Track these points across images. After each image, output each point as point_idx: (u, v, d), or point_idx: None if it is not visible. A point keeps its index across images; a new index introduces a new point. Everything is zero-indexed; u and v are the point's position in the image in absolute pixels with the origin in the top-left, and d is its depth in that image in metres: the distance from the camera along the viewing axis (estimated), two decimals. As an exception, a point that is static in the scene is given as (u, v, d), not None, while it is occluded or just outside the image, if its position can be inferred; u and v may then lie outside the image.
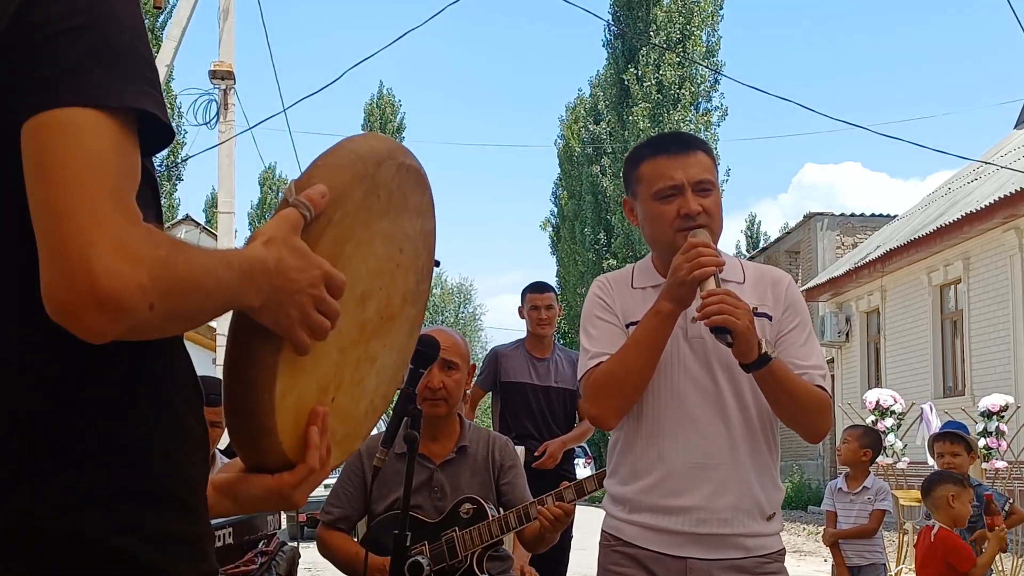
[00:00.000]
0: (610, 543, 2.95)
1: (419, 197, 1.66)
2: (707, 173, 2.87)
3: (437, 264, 1.83)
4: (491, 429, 4.64)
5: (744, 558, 2.83)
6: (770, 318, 2.89)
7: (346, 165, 1.46)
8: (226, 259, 1.27)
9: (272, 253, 1.32)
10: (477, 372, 6.81)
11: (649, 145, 3.01)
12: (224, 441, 6.07)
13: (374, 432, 6.55)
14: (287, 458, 1.46)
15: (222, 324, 15.97)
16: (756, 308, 2.80)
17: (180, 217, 29.46)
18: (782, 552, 2.93)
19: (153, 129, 1.24)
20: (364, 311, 1.58)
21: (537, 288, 6.93)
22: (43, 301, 1.16)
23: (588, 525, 3.41)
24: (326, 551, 4.00)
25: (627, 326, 2.91)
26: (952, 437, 6.86)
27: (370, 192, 1.50)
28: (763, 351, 2.68)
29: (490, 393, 7.09)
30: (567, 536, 6.38)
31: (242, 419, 1.41)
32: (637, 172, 2.94)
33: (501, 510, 3.92)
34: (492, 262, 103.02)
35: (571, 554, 6.65)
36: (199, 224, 30.78)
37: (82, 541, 1.23)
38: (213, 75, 15.22)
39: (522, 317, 6.89)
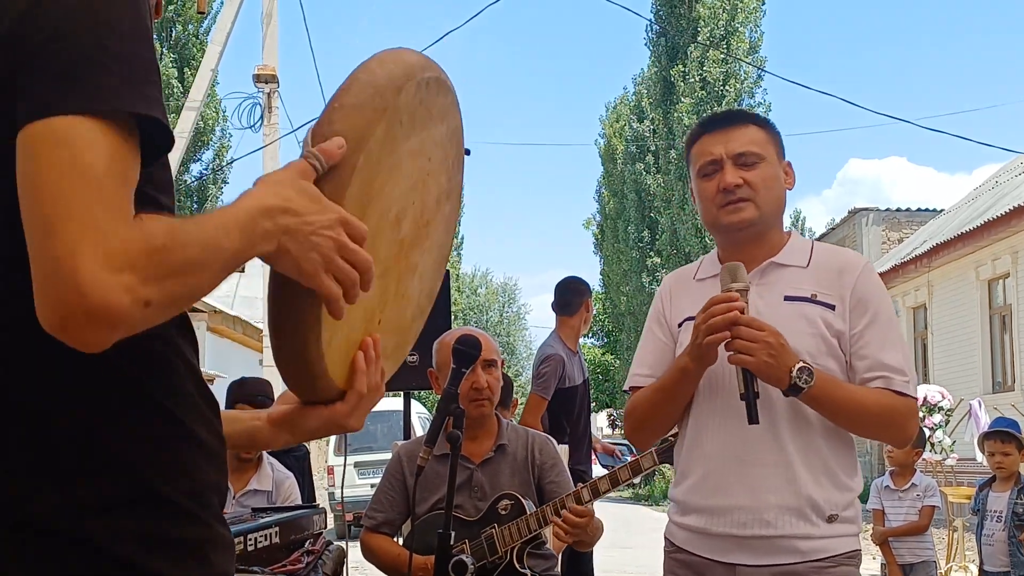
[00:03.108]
0: (668, 549, 2.84)
1: (442, 101, 1.62)
2: (752, 146, 2.74)
3: (467, 153, 1.81)
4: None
5: (797, 563, 2.61)
6: (832, 307, 2.67)
7: (365, 103, 1.41)
8: (224, 222, 1.24)
9: (273, 193, 1.29)
10: (536, 380, 6.52)
11: (699, 124, 2.92)
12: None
13: (419, 433, 6.53)
14: (340, 391, 1.51)
15: (268, 325, 16.05)
16: (815, 295, 2.68)
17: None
18: (849, 555, 2.66)
19: (156, 132, 1.22)
20: (400, 230, 1.58)
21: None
22: (38, 318, 1.15)
23: (631, 523, 3.37)
24: (370, 555, 4.05)
25: (680, 324, 2.81)
26: (1003, 435, 6.76)
27: (392, 122, 1.45)
28: (792, 381, 2.51)
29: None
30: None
31: (293, 369, 1.45)
32: (689, 154, 2.87)
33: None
34: (535, 261, 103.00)
35: (616, 552, 6.65)
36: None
37: (81, 545, 1.23)
38: (257, 78, 15.34)
39: (586, 310, 6.52)
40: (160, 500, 1.28)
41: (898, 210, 27.15)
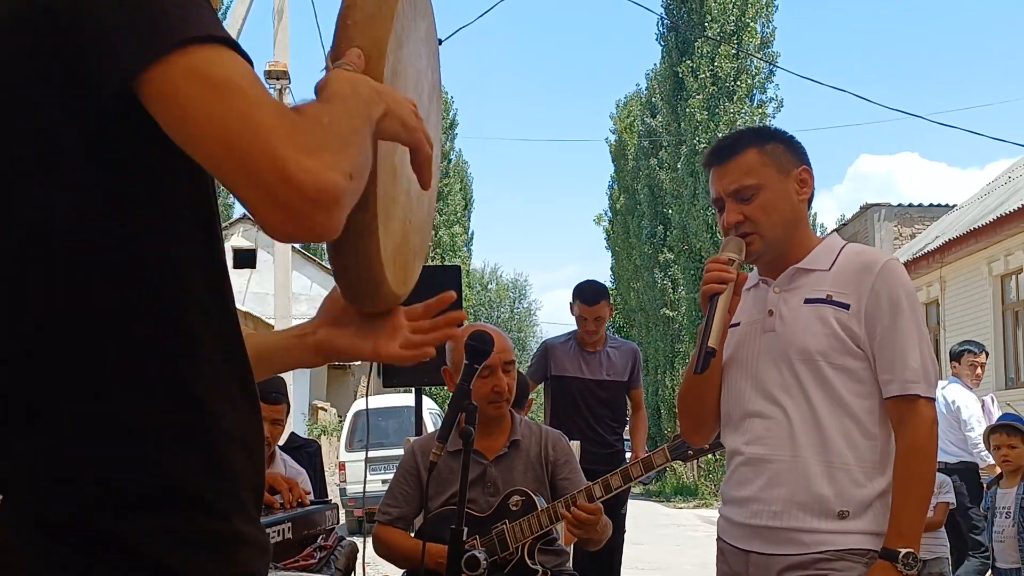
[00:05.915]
0: (717, 540, 2.99)
1: (423, 1, 1.69)
2: (744, 178, 2.81)
3: (440, 42, 1.87)
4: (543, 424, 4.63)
5: (801, 555, 2.71)
6: (846, 307, 2.74)
7: (375, 13, 1.47)
8: (340, 98, 1.31)
9: (347, 76, 1.37)
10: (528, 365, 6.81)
11: (704, 158, 3.00)
12: (283, 439, 6.13)
13: (430, 429, 6.52)
14: (397, 297, 1.62)
15: (280, 323, 16.10)
16: (830, 296, 2.76)
17: (237, 216, 29.65)
18: (855, 552, 2.69)
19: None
20: None
21: (588, 299, 6.61)
22: (272, 234, 1.23)
23: (643, 519, 3.39)
24: (383, 548, 4.04)
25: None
26: (1008, 429, 6.76)
27: (397, 27, 1.51)
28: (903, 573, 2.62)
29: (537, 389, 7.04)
30: (619, 530, 6.32)
31: (357, 286, 1.55)
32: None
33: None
34: (546, 257, 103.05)
35: (627, 547, 6.65)
36: (256, 223, 30.91)
37: (100, 539, 1.24)
38: (268, 75, 15.38)
39: (572, 314, 6.70)
40: (189, 497, 1.27)
41: (910, 206, 27.03)
